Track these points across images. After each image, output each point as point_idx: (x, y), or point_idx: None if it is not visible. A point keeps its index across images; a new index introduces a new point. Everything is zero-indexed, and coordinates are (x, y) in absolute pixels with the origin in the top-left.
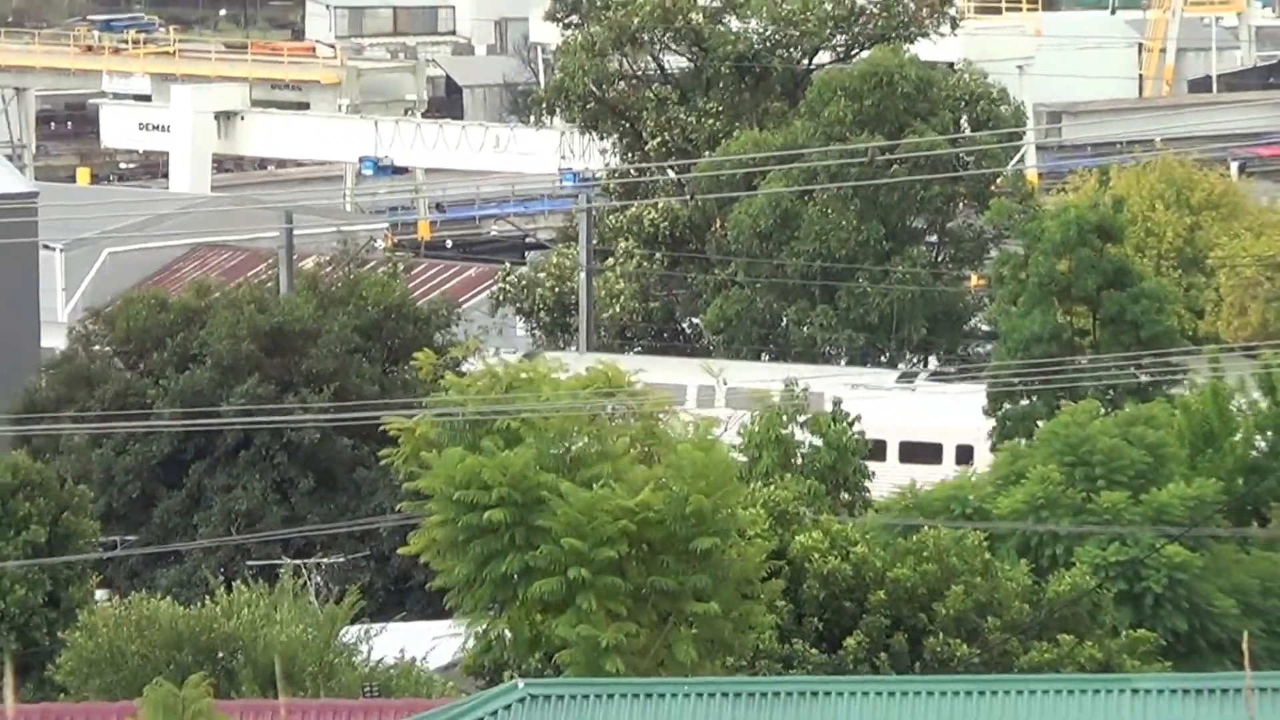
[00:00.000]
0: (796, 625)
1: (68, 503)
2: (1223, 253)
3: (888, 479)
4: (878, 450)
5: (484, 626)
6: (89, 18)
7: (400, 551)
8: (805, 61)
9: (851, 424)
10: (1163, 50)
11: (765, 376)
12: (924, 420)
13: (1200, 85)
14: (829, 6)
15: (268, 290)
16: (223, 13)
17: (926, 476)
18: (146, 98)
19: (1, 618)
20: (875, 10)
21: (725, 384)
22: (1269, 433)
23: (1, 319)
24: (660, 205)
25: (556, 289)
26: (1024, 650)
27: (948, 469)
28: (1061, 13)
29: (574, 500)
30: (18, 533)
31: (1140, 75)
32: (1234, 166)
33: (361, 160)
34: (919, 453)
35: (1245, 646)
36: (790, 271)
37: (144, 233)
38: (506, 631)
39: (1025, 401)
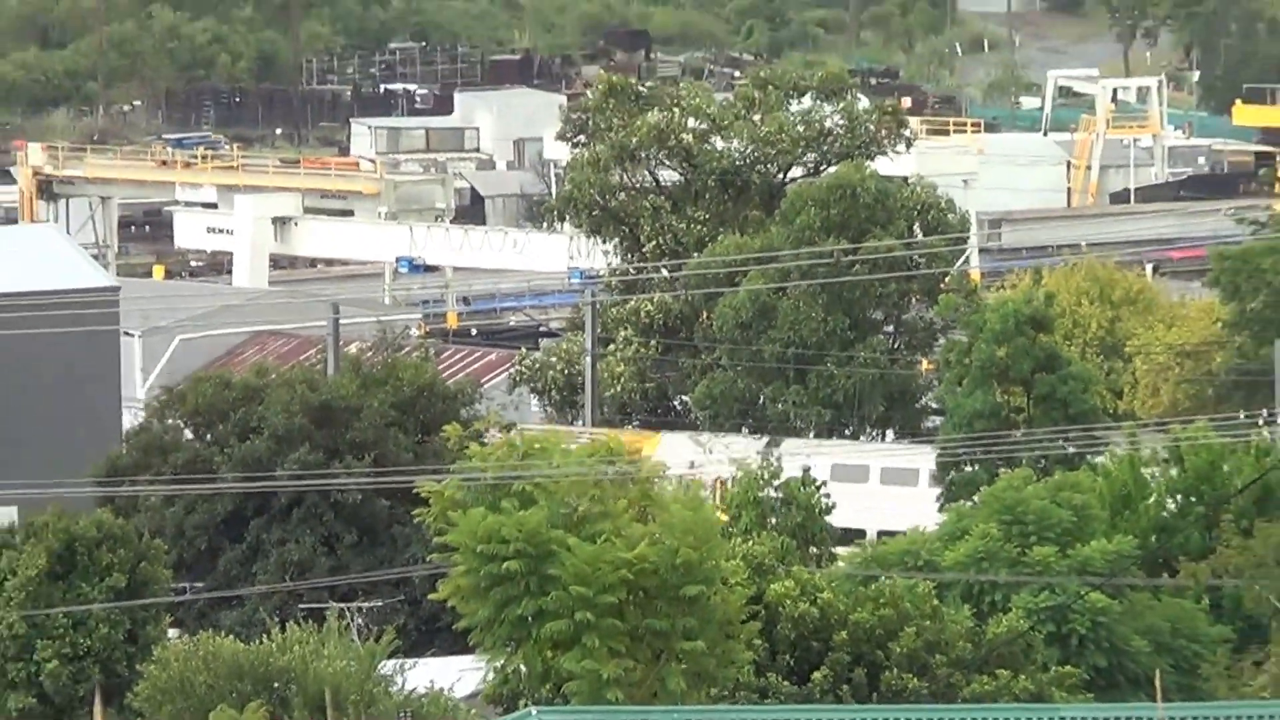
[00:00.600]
0: (771, 661)
1: (144, 553)
2: (1139, 341)
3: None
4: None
5: (502, 661)
6: (164, 136)
7: (430, 597)
8: (780, 176)
9: (818, 488)
10: (1088, 167)
11: (746, 447)
12: None
13: (1120, 197)
14: (800, 129)
15: (317, 372)
16: (279, 131)
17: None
18: (213, 205)
19: (88, 653)
20: (840, 132)
21: (711, 453)
22: (1178, 496)
23: (88, 396)
24: (655, 299)
25: (565, 371)
26: (967, 683)
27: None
28: (1000, 134)
29: (580, 553)
30: (102, 579)
31: (1069, 188)
32: (1149, 268)
33: (398, 260)
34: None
35: (1157, 682)
36: (767, 356)
37: (211, 322)
38: (522, 666)
39: (969, 469)
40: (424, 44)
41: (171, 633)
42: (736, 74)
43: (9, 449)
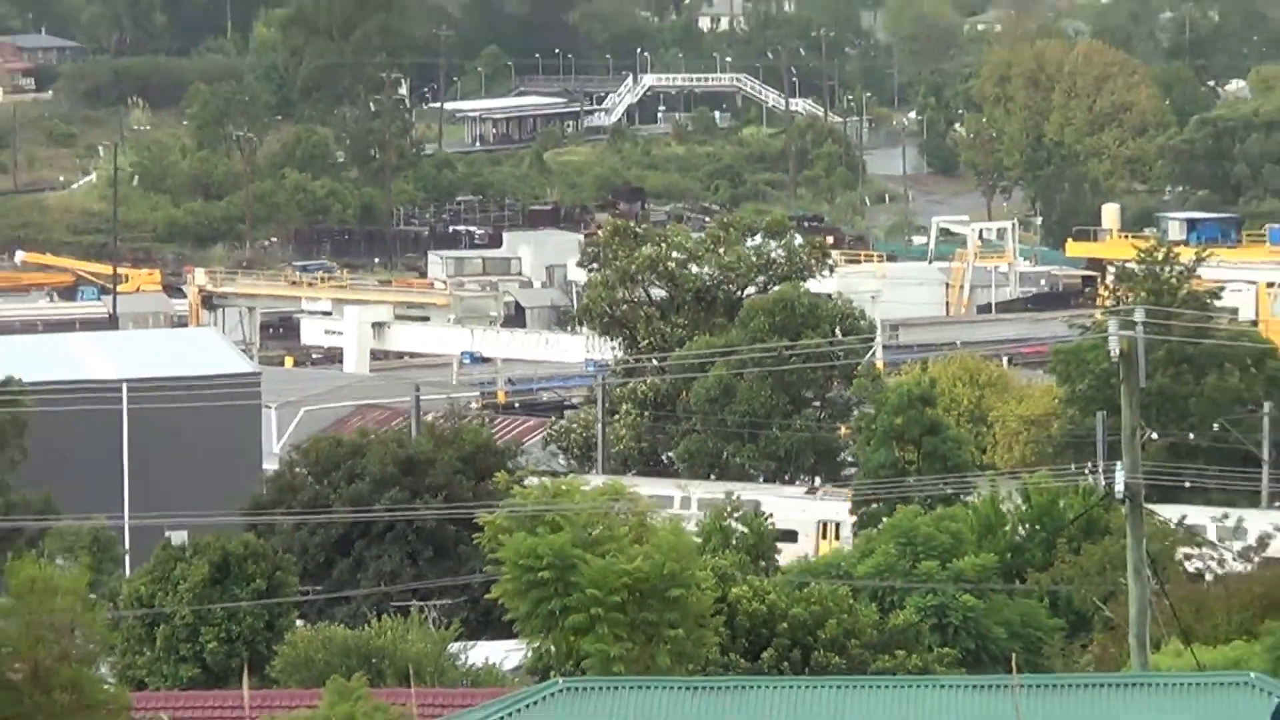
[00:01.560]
0: (731, 644)
1: (278, 565)
2: (998, 413)
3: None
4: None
5: (537, 644)
6: (293, 264)
7: (485, 597)
8: (739, 292)
9: (767, 518)
10: (961, 287)
11: (716, 490)
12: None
13: (984, 309)
14: (753, 259)
15: (403, 434)
16: (376, 260)
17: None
18: (329, 314)
19: (238, 637)
20: (782, 261)
21: (690, 494)
22: (1026, 525)
23: (238, 451)
24: (648, 382)
25: (583, 434)
26: (874, 660)
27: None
28: (898, 263)
29: (593, 566)
30: (248, 584)
31: (947, 302)
32: (1005, 360)
33: (462, 353)
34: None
35: (1013, 660)
36: (729, 423)
37: (327, 398)
38: (551, 647)
39: (875, 506)
40: (481, 197)
41: (298, 623)
42: (707, 219)
43: (180, 488)
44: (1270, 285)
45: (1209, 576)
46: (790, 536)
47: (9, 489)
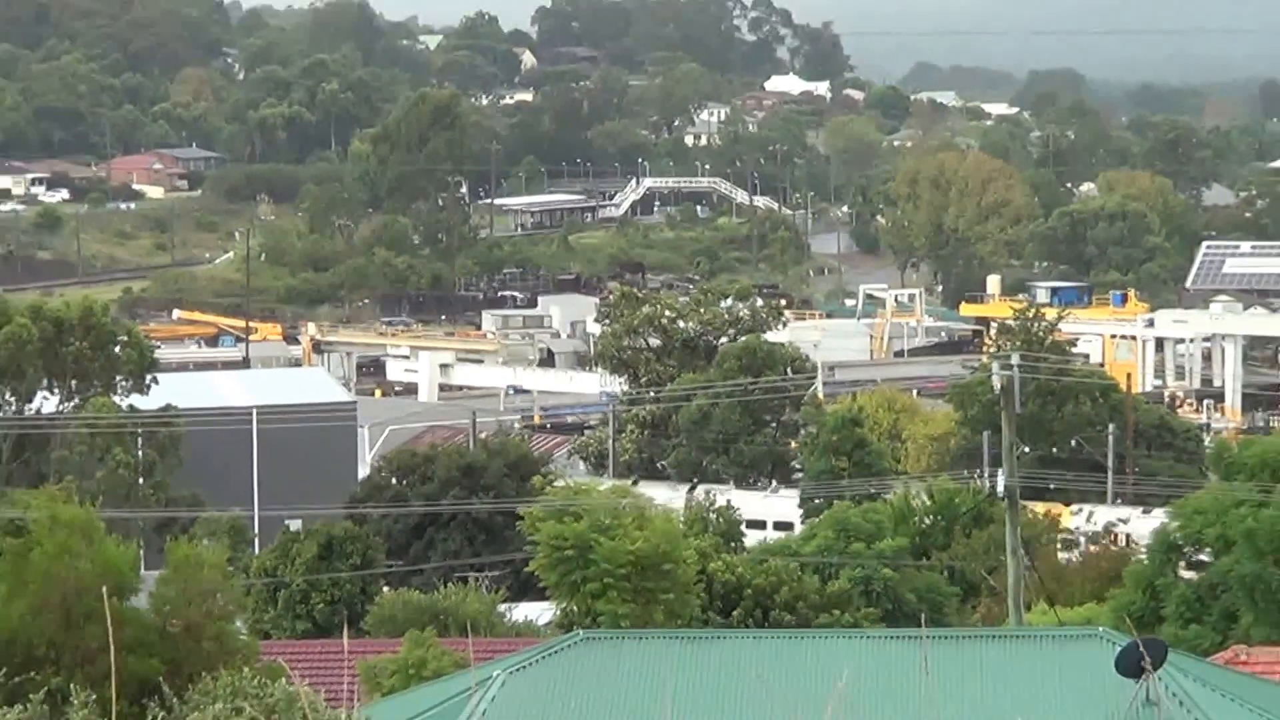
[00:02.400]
0: (709, 605)
1: (369, 545)
2: (909, 433)
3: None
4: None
5: (564, 605)
6: (381, 319)
7: (525, 570)
8: (715, 341)
9: (735, 511)
10: (882, 337)
11: (698, 491)
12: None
13: (899, 354)
14: (726, 316)
15: (463, 447)
16: (443, 317)
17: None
18: (407, 357)
19: (339, 600)
20: (747, 318)
21: (678, 493)
22: (930, 516)
23: (339, 459)
24: (647, 408)
25: (598, 448)
26: (816, 617)
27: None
28: (834, 320)
29: (606, 546)
30: (347, 559)
31: (871, 350)
32: (915, 393)
33: (507, 387)
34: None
35: (922, 619)
36: (708, 440)
37: (405, 421)
38: (574, 608)
39: (817, 502)
40: (521, 270)
41: (384, 589)
42: (691, 286)
43: (296, 488)
44: (1113, 337)
45: (1069, 555)
46: (758, 525)
47: (168, 488)
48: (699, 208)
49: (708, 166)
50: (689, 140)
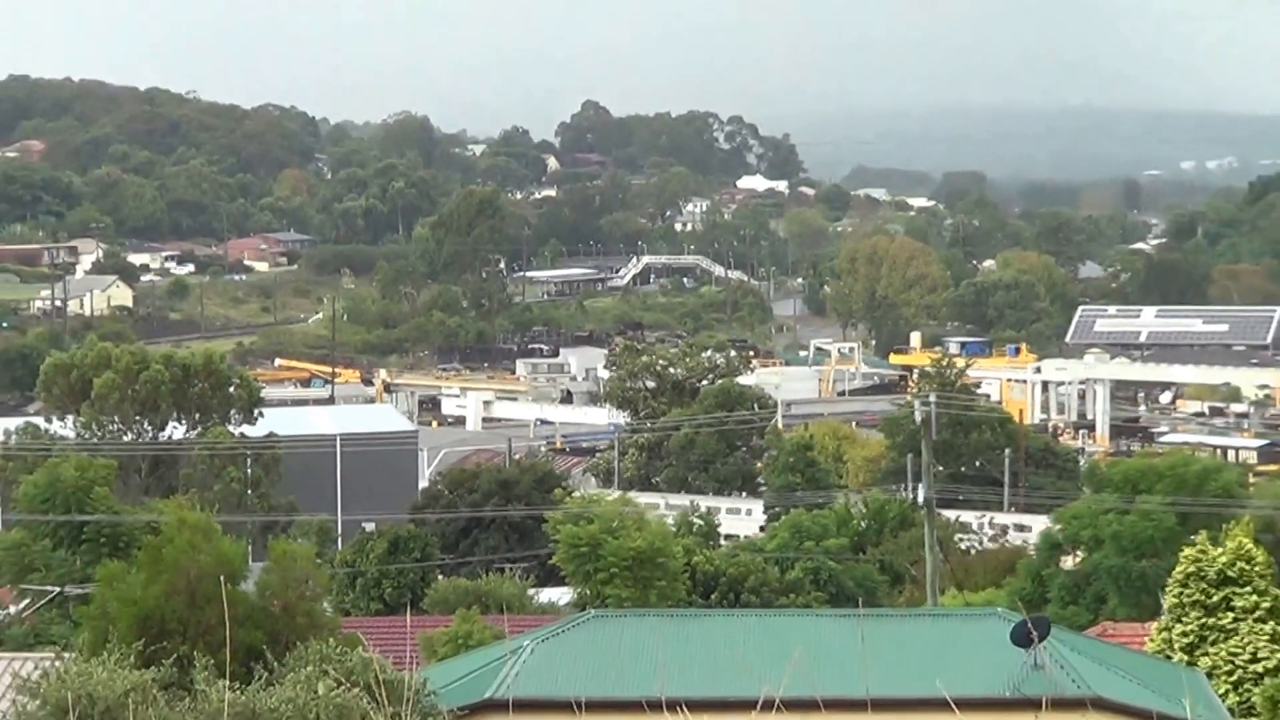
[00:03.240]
0: (693, 590)
1: (427, 543)
2: (850, 455)
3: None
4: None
5: (579, 590)
6: (438, 366)
7: (549, 562)
8: (699, 384)
9: (712, 516)
10: (828, 381)
11: (684, 501)
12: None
13: (842, 394)
14: (707, 364)
15: (502, 466)
16: (485, 365)
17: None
18: (458, 395)
19: (404, 585)
20: (722, 364)
21: (669, 503)
22: (866, 520)
23: (403, 476)
24: (645, 436)
25: (606, 467)
26: (777, 600)
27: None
28: (791, 367)
29: (612, 544)
30: (410, 554)
31: (820, 391)
32: (854, 424)
33: (535, 419)
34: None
35: (859, 602)
36: (692, 461)
37: (456, 445)
38: (587, 592)
39: (777, 509)
40: (546, 328)
41: (440, 577)
42: (680, 340)
43: (370, 498)
44: (1009, 380)
45: (973, 551)
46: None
47: (270, 498)
48: (686, 279)
49: (693, 247)
50: (678, 226)
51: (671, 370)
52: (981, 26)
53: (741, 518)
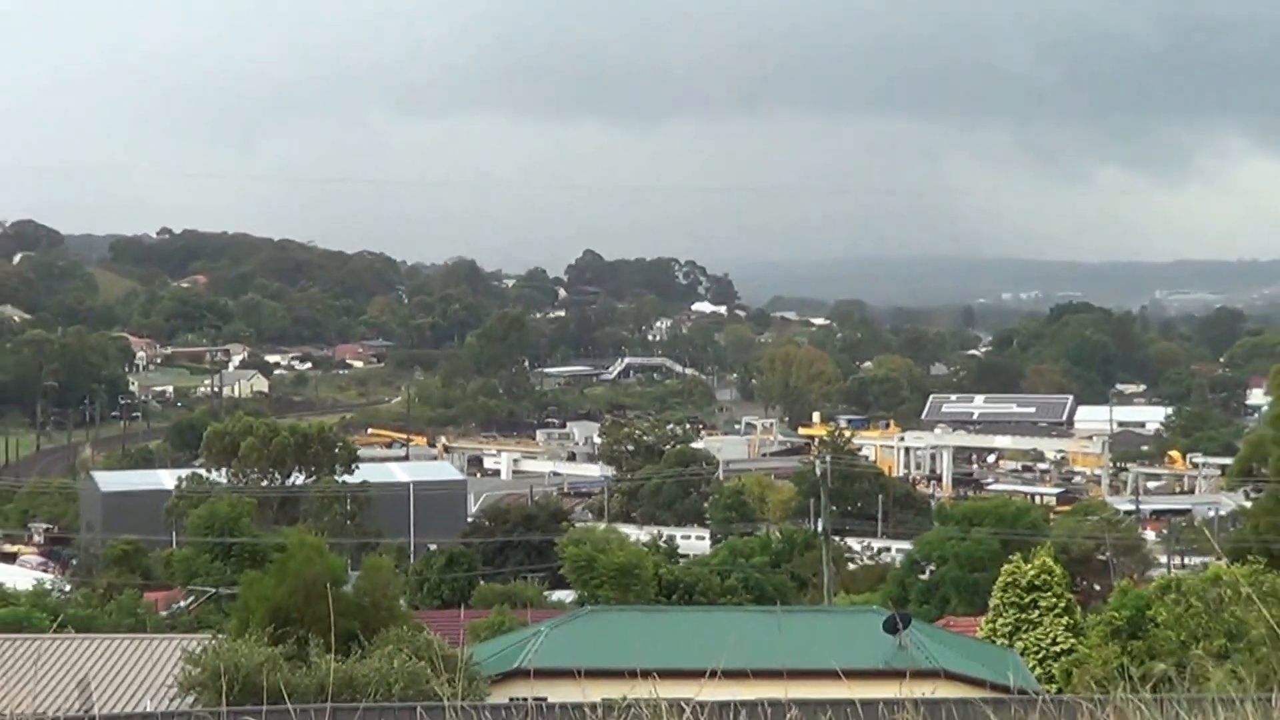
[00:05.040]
0: (659, 592)
1: (472, 561)
2: (769, 498)
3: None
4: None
5: (579, 593)
6: (481, 434)
7: (559, 572)
8: (664, 448)
9: (673, 541)
10: (756, 445)
11: (654, 530)
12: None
13: (764, 455)
14: (670, 434)
15: (526, 504)
16: (514, 433)
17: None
18: (495, 455)
19: (457, 588)
20: (682, 433)
21: (643, 531)
22: (781, 545)
23: (454, 511)
24: (626, 484)
25: (600, 506)
26: (719, 600)
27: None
28: (729, 437)
29: (602, 560)
30: (461, 567)
31: (749, 453)
32: (773, 476)
33: (549, 472)
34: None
35: (778, 602)
36: (659, 502)
37: (494, 489)
38: (585, 594)
39: (719, 537)
40: (558, 408)
41: (481, 582)
42: (651, 417)
43: (432, 527)
44: (881, 446)
45: (856, 564)
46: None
47: (363, 527)
48: (655, 375)
49: (660, 352)
50: (650, 337)
51: (645, 438)
52: (861, 197)
53: (693, 542)
